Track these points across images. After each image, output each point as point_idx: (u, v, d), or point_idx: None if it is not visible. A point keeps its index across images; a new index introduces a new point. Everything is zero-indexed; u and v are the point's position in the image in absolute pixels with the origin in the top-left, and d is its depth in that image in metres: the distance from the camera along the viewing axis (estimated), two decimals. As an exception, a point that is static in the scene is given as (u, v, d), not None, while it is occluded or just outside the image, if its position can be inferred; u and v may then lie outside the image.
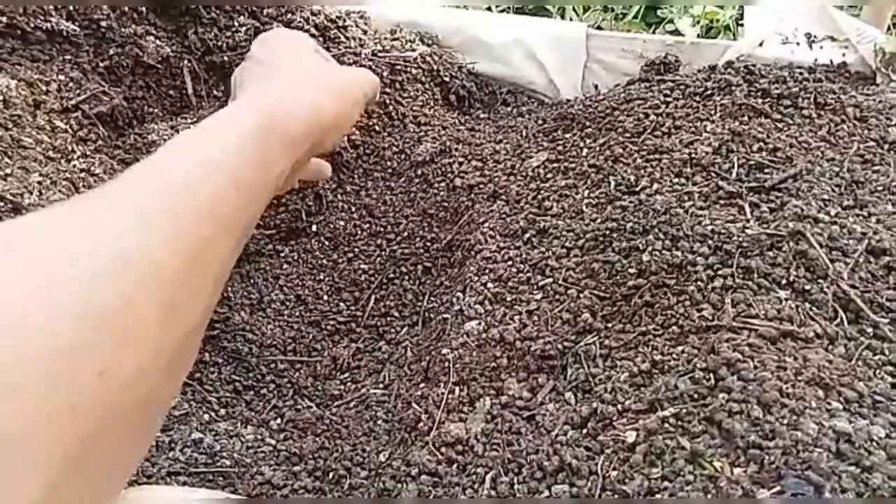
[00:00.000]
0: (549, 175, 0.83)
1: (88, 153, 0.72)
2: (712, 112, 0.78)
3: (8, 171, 0.63)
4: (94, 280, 0.24)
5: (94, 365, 0.23)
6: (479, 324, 0.70)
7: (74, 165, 0.70)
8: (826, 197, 0.65)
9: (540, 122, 0.96)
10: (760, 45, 0.97)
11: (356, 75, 0.48)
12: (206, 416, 0.75)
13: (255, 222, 0.36)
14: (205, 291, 0.29)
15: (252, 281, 0.89)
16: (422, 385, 0.71)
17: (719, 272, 0.59)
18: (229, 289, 0.86)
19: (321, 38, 0.95)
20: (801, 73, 0.87)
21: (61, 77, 0.75)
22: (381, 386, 0.78)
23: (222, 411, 0.77)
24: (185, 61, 0.86)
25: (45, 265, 0.24)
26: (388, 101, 0.96)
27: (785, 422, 0.44)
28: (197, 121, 0.83)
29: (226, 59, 0.89)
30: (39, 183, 0.65)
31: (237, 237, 0.32)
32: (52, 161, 0.68)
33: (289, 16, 0.94)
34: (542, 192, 0.81)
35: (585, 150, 0.83)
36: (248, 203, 0.33)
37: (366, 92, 0.49)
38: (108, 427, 0.24)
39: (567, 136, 0.88)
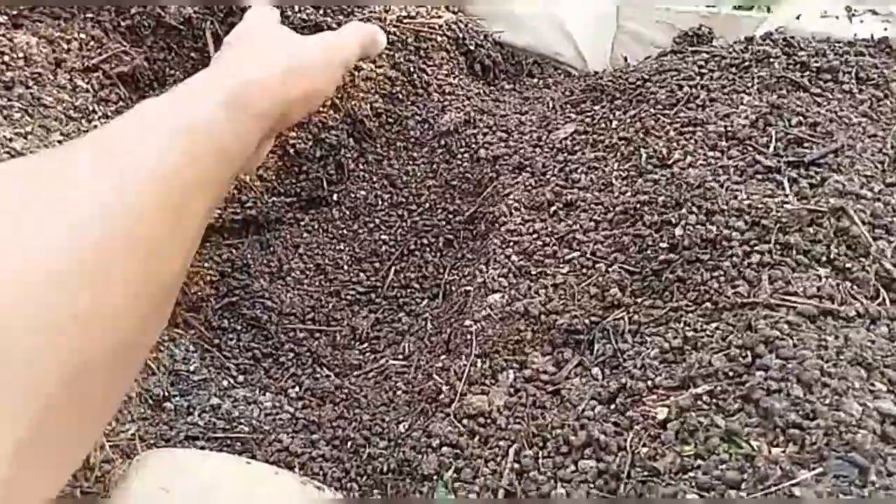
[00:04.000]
0: (577, 147, 0.81)
1: (109, 114, 0.71)
2: (749, 84, 0.76)
3: (28, 129, 0.62)
4: (69, 226, 0.24)
5: (71, 308, 0.23)
6: (503, 297, 0.69)
7: (95, 126, 0.69)
8: (869, 173, 0.62)
9: (567, 93, 0.93)
10: (798, 18, 0.94)
11: (330, 48, 0.46)
12: (225, 383, 0.74)
13: (225, 191, 0.37)
14: (179, 251, 0.30)
15: (272, 249, 0.88)
16: (443, 357, 0.70)
17: (756, 248, 0.57)
18: (249, 256, 0.85)
19: (346, 4, 0.93)
20: (841, 47, 0.84)
21: (82, 35, 0.73)
22: (400, 357, 0.77)
23: (241, 378, 0.76)
24: (208, 23, 0.84)
25: (14, 213, 0.24)
26: (412, 69, 0.94)
27: (827, 402, 0.42)
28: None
29: (248, 21, 0.87)
30: (60, 142, 0.64)
31: (208, 201, 0.33)
32: (72, 121, 0.67)
33: (313, -22, 0.91)
34: (569, 164, 0.79)
35: (615, 122, 0.81)
36: (221, 170, 0.34)
37: (346, 59, 0.48)
38: (88, 372, 0.24)
39: (596, 107, 0.86)
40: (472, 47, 1.00)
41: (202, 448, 0.65)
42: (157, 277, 0.28)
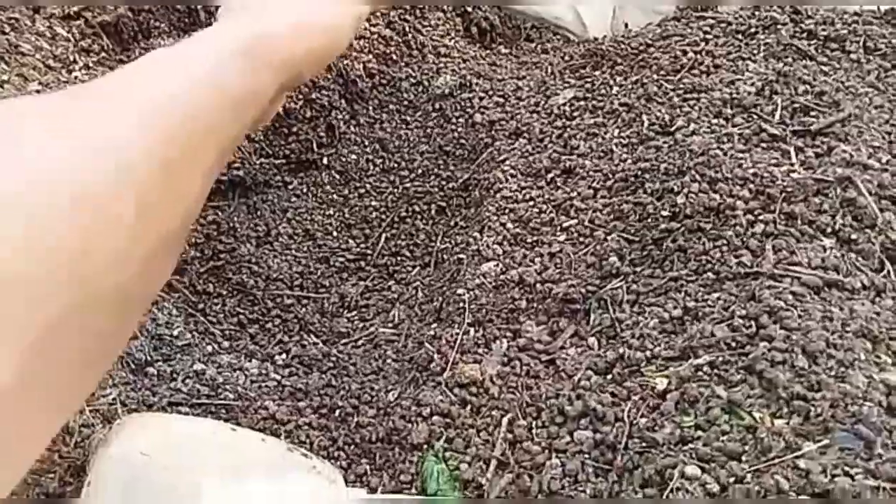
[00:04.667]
0: (576, 113, 0.79)
1: (91, 65, 0.68)
2: (755, 51, 0.73)
3: (5, 77, 0.59)
4: (70, 158, 0.24)
5: (71, 242, 0.23)
6: (497, 265, 0.67)
7: (76, 77, 0.66)
8: (876, 144, 0.61)
9: (567, 58, 0.91)
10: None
11: (344, 1, 0.45)
12: (209, 348, 0.72)
13: (234, 146, 0.36)
14: (179, 205, 0.30)
15: (259, 213, 0.85)
16: (434, 325, 0.68)
17: (760, 217, 0.55)
18: (235, 219, 0.83)
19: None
20: (849, 16, 0.81)
21: (62, -19, 0.70)
22: (390, 325, 0.76)
23: (226, 344, 0.74)
24: (195, -25, 0.81)
25: (24, 138, 0.24)
26: (407, 29, 0.91)
27: (832, 373, 0.41)
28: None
29: (237, -26, 0.83)
30: (38, 92, 0.61)
31: (218, 153, 0.33)
32: (51, 70, 0.64)
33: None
34: (568, 130, 0.76)
35: (616, 88, 0.78)
36: (229, 126, 0.33)
37: (360, 13, 0.46)
38: (84, 309, 0.24)
39: (596, 73, 0.83)
40: (469, 8, 0.97)
41: (186, 415, 0.63)
42: (158, 224, 0.28)
